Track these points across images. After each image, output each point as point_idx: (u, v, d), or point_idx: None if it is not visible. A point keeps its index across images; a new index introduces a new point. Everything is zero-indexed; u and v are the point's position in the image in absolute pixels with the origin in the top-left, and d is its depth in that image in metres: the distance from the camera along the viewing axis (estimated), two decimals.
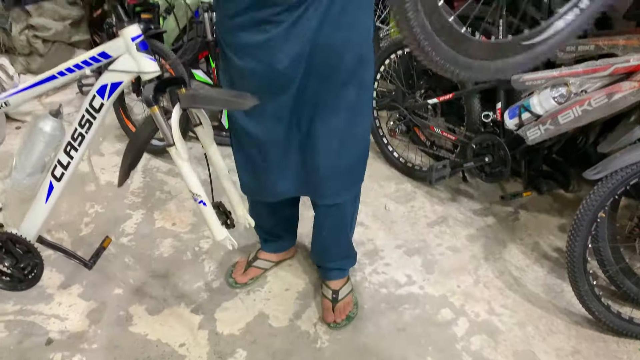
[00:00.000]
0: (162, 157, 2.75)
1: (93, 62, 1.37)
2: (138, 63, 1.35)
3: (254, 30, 1.39)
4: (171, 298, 1.98)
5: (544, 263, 2.19)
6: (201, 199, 1.45)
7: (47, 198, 1.54)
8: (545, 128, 2.01)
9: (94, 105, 1.41)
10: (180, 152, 1.39)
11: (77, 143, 1.47)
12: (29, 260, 1.62)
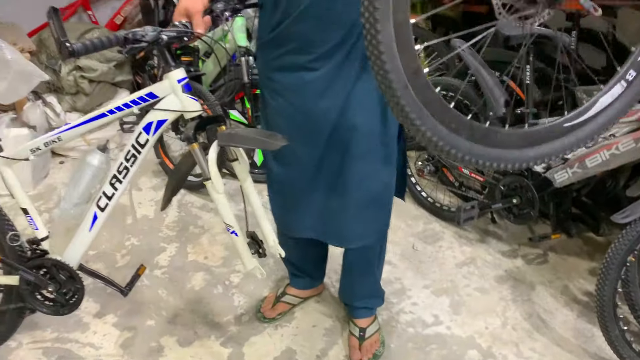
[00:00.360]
0: (196, 193, 2.84)
1: (141, 101, 1.47)
2: (182, 103, 1.44)
3: (292, 75, 1.48)
4: (201, 330, 2.02)
5: (574, 307, 2.17)
6: (233, 229, 1.53)
7: (91, 227, 1.62)
8: (573, 171, 2.03)
9: (139, 141, 1.50)
10: (216, 185, 1.47)
11: (122, 176, 1.56)
12: (71, 286, 1.70)
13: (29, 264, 1.67)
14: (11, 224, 1.70)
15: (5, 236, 1.67)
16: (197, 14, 1.40)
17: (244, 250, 1.57)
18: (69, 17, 3.57)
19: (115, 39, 1.33)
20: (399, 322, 2.08)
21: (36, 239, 1.69)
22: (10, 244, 1.67)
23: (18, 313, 1.80)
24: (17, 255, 1.69)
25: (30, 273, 1.66)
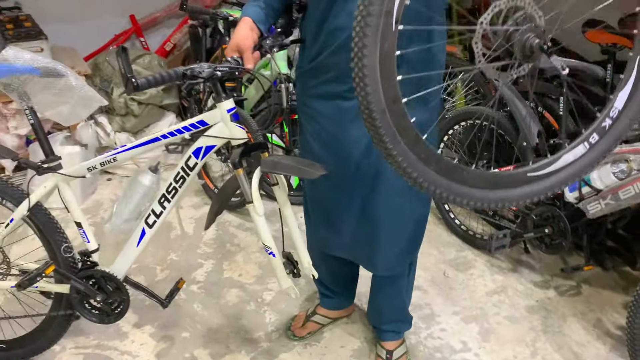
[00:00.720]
0: (234, 212, 2.94)
1: (193, 128, 1.57)
2: (230, 131, 1.53)
3: (328, 103, 1.57)
4: (233, 345, 2.09)
5: (606, 340, 2.14)
6: (271, 250, 1.61)
7: (139, 242, 1.73)
8: (606, 203, 2.03)
9: (189, 164, 1.61)
10: (257, 208, 1.55)
11: (171, 195, 1.66)
12: (117, 297, 1.80)
13: (80, 274, 1.78)
14: (65, 237, 1.81)
15: (60, 248, 1.78)
16: (247, 50, 1.51)
17: (280, 270, 1.64)
18: (123, 43, 3.78)
19: (175, 75, 1.43)
20: (427, 346, 2.09)
21: (87, 251, 1.79)
22: (64, 255, 1.78)
23: (66, 320, 1.91)
24: (69, 265, 1.80)
25: (81, 283, 1.77)
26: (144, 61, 3.40)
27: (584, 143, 1.19)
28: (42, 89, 1.64)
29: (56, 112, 1.71)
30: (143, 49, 3.79)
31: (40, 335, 1.93)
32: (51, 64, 1.61)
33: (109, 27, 3.73)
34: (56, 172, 1.71)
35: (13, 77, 1.58)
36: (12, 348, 1.94)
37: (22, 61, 1.57)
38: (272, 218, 2.91)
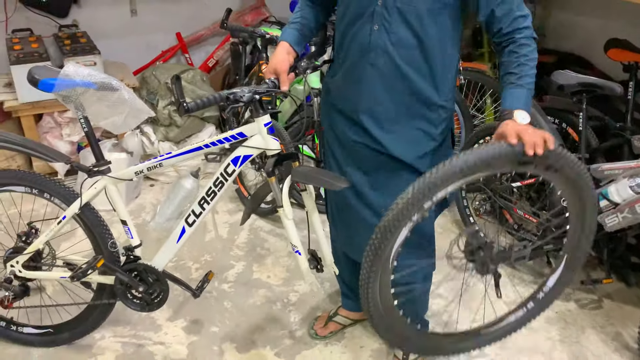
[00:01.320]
0: (265, 219, 3.09)
1: (232, 139, 1.73)
2: (266, 142, 1.69)
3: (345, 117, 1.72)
4: (258, 341, 2.22)
5: (625, 353, 2.17)
6: (297, 249, 1.79)
7: (179, 239, 1.89)
8: (623, 216, 2.07)
9: (227, 170, 1.77)
10: (287, 212, 1.73)
11: (210, 198, 1.82)
12: (157, 287, 1.96)
13: (124, 267, 1.95)
14: (111, 234, 1.98)
15: (107, 243, 1.96)
16: (283, 73, 1.67)
17: (305, 266, 1.82)
18: (169, 59, 4.03)
19: (219, 98, 1.61)
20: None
21: (131, 247, 1.96)
22: (110, 250, 1.96)
23: (107, 308, 2.09)
24: (113, 259, 1.97)
25: (125, 275, 1.94)
26: (188, 76, 3.63)
27: (523, 309, 1.69)
28: (96, 101, 1.81)
29: (109, 122, 1.88)
30: (187, 64, 4.03)
31: (83, 321, 2.11)
32: (107, 80, 1.78)
33: (156, 44, 3.99)
34: (106, 175, 1.88)
35: (72, 90, 1.76)
36: (58, 332, 2.13)
37: (81, 76, 1.75)
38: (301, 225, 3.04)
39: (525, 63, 1.50)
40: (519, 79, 1.48)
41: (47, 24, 3.60)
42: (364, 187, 1.77)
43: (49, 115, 3.26)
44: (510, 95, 1.48)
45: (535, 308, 1.71)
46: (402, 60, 1.57)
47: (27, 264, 2.01)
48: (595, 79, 2.18)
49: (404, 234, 1.43)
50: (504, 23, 1.51)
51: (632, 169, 2.04)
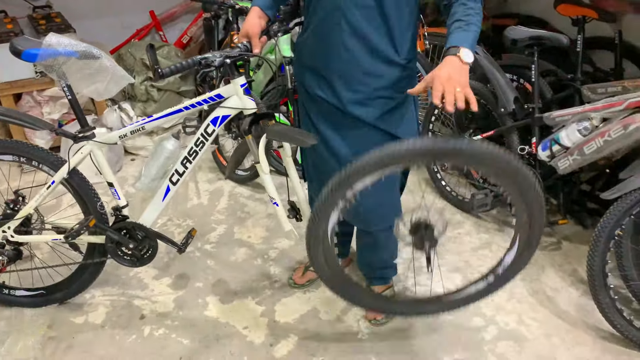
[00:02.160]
0: (245, 185, 3.22)
1: (211, 100, 1.84)
2: (243, 102, 1.81)
3: (315, 74, 1.84)
4: (240, 292, 2.36)
5: (579, 286, 2.35)
6: (275, 200, 1.93)
7: (164, 198, 2.00)
8: (574, 158, 2.24)
9: (207, 131, 1.87)
10: (263, 167, 1.86)
11: (192, 157, 1.93)
12: (146, 243, 2.08)
13: (114, 226, 2.06)
14: (98, 196, 2.09)
15: (95, 205, 2.07)
16: (255, 37, 1.78)
17: (283, 216, 1.96)
18: (144, 37, 4.11)
19: (192, 62, 1.71)
20: (412, 292, 2.33)
21: (118, 207, 2.07)
22: (99, 211, 2.07)
23: (97, 268, 2.21)
24: (103, 220, 2.08)
25: (116, 233, 2.05)
26: (163, 52, 3.71)
27: (484, 281, 1.77)
28: (78, 70, 1.91)
29: (92, 89, 1.98)
30: (162, 41, 4.11)
31: (75, 281, 2.22)
32: (88, 49, 1.88)
33: (131, 23, 4.06)
34: (91, 139, 1.98)
35: (55, 60, 1.85)
36: (51, 293, 2.25)
37: (63, 46, 1.84)
38: (280, 190, 3.18)
39: (473, 15, 1.57)
40: (467, 25, 1.53)
41: (21, 6, 3.66)
42: (334, 141, 1.88)
43: (28, 94, 3.33)
44: (458, 35, 1.51)
45: (496, 282, 1.77)
46: (362, 19, 1.68)
47: (18, 229, 2.12)
48: (544, 32, 2.33)
49: (334, 216, 1.61)
50: None
51: (580, 113, 2.20)
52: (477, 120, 2.83)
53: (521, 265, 1.72)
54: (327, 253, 1.74)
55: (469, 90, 1.40)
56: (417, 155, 1.48)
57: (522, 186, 1.51)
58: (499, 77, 2.50)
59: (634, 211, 1.93)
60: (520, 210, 1.60)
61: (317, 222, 1.63)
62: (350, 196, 1.59)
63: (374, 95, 1.78)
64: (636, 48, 2.67)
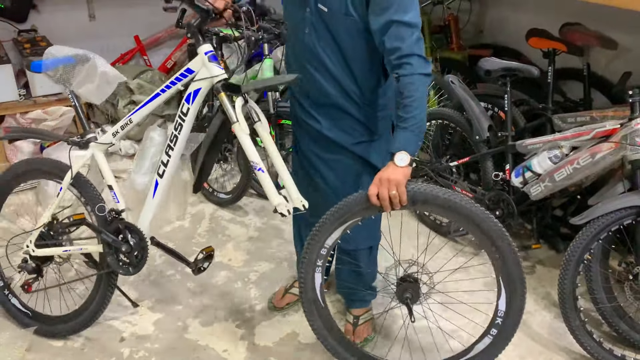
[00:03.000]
0: (226, 209, 3.25)
1: (183, 77, 1.84)
2: (209, 70, 1.78)
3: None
4: (220, 315, 2.38)
5: (552, 310, 2.41)
6: (259, 166, 1.71)
7: (154, 194, 1.98)
8: (545, 185, 2.32)
9: (183, 110, 1.86)
10: (242, 126, 1.70)
11: (173, 143, 1.91)
12: (139, 247, 2.05)
13: (109, 228, 2.05)
14: (101, 198, 2.09)
15: (94, 207, 2.07)
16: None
17: (270, 186, 1.73)
18: (128, 61, 4.16)
19: None
20: (392, 315, 2.36)
21: (117, 210, 2.07)
22: (97, 213, 2.07)
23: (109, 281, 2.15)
24: (103, 222, 2.07)
25: (109, 235, 2.04)
26: (147, 76, 3.77)
27: (488, 336, 1.79)
28: (77, 74, 2.00)
29: (85, 89, 2.04)
30: (146, 65, 4.16)
31: (92, 301, 2.18)
32: (81, 51, 2.00)
33: (115, 47, 4.10)
34: (94, 142, 2.05)
35: (58, 69, 1.96)
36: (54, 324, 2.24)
37: (62, 54, 1.97)
38: (261, 213, 3.23)
39: (410, 104, 1.63)
40: (404, 122, 1.65)
41: (5, 29, 3.69)
42: (320, 166, 1.96)
43: (11, 117, 3.35)
44: (396, 137, 1.67)
45: (501, 333, 1.78)
46: (329, 60, 1.78)
47: (38, 243, 2.13)
48: (516, 63, 2.43)
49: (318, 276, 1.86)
50: (391, 56, 1.63)
51: (550, 142, 2.29)
52: (453, 147, 2.92)
53: (518, 312, 1.75)
54: (323, 316, 1.90)
55: (401, 190, 1.63)
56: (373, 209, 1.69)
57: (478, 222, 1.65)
58: (473, 105, 2.59)
59: (602, 236, 2.01)
60: (488, 248, 1.70)
61: (305, 287, 1.85)
62: (326, 251, 1.80)
63: (347, 124, 1.86)
64: (604, 79, 2.80)
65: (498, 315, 1.75)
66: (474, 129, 2.59)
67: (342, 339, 1.95)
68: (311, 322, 1.90)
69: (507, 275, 1.69)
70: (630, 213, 1.96)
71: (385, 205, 1.65)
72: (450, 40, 3.68)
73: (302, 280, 1.85)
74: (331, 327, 1.92)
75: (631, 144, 1.96)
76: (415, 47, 1.62)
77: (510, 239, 1.67)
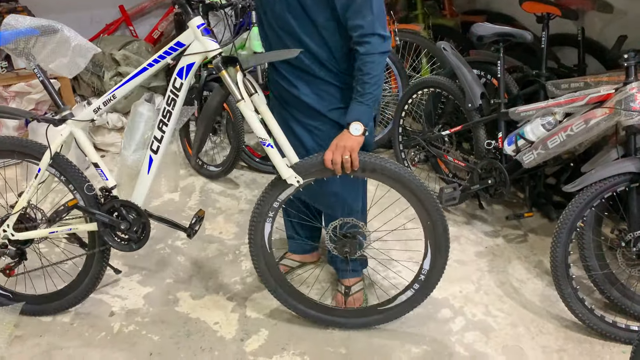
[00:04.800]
0: (216, 181, 3.21)
1: (172, 51, 1.75)
2: (203, 44, 1.71)
3: None
4: (212, 288, 2.36)
5: (544, 278, 2.40)
6: (268, 142, 1.76)
7: (149, 170, 1.92)
8: (538, 152, 2.29)
9: (175, 85, 1.79)
10: (247, 103, 1.70)
11: (167, 119, 1.84)
12: (139, 223, 2.01)
13: (103, 208, 1.99)
14: (86, 178, 2.01)
15: (83, 187, 1.99)
16: None
17: (279, 160, 1.79)
18: (114, 31, 4.06)
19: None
20: (382, 285, 2.35)
21: (107, 188, 2.00)
22: (87, 194, 1.99)
23: (102, 258, 2.11)
24: (94, 203, 2.00)
25: (105, 215, 1.98)
26: (133, 47, 3.68)
27: (411, 289, 1.99)
28: (42, 47, 1.83)
29: (57, 64, 1.88)
30: (132, 36, 4.06)
31: (73, 289, 2.15)
32: (46, 22, 1.81)
33: (100, 18, 4.00)
34: (69, 119, 1.91)
35: (19, 41, 1.79)
36: (48, 301, 2.19)
37: (22, 25, 1.77)
38: (252, 186, 3.20)
39: (368, 81, 1.73)
40: (361, 97, 1.75)
41: None
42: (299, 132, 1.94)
43: None
44: (352, 109, 1.77)
45: (422, 288, 2.00)
46: (300, 30, 1.75)
47: (17, 226, 2.05)
48: (508, 28, 2.38)
49: (268, 226, 1.97)
50: (353, 33, 1.69)
51: (544, 108, 2.25)
52: (445, 115, 2.87)
53: (439, 272, 1.97)
54: (268, 260, 2.03)
55: (354, 156, 1.76)
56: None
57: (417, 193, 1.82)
58: (466, 73, 2.54)
59: (595, 203, 1.99)
60: (422, 215, 1.88)
61: (254, 234, 1.97)
62: (278, 205, 1.91)
63: (322, 90, 1.86)
64: (598, 44, 2.74)
65: (422, 273, 1.97)
66: (467, 96, 2.55)
67: (283, 281, 2.09)
68: (256, 264, 2.05)
69: (434, 239, 1.91)
70: (624, 179, 1.94)
71: (337, 168, 1.77)
72: (442, 7, 3.61)
73: (252, 227, 1.96)
74: (274, 269, 2.07)
75: (626, 109, 1.92)
76: (377, 24, 1.68)
77: (442, 211, 1.89)
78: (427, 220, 1.88)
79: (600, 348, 2.04)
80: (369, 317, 2.09)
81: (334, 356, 2.02)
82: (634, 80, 1.96)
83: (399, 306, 2.05)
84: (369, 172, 1.82)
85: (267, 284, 2.09)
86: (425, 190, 1.84)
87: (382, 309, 2.07)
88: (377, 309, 2.08)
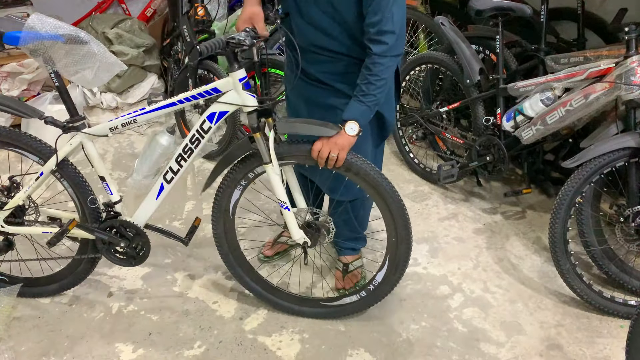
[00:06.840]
0: (213, 161, 3.18)
1: (206, 94, 1.73)
2: (242, 98, 1.71)
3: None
4: (210, 268, 2.36)
5: (543, 254, 2.40)
6: (286, 205, 1.85)
7: (158, 196, 1.92)
8: (537, 128, 2.27)
9: (203, 127, 1.78)
10: (275, 168, 1.77)
11: (187, 155, 1.84)
12: (139, 241, 2.01)
13: (102, 225, 1.98)
14: (91, 190, 1.97)
15: (86, 200, 1.96)
16: (261, 21, 1.73)
17: (293, 224, 1.89)
18: (106, 10, 3.98)
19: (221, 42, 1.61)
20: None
21: (110, 202, 1.98)
22: (90, 206, 1.97)
23: (92, 261, 2.12)
24: (96, 216, 1.98)
25: (103, 233, 1.97)
26: (126, 25, 3.62)
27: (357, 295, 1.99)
28: (65, 55, 1.77)
29: (80, 77, 1.83)
30: (125, 14, 3.99)
31: (70, 273, 2.14)
32: (74, 32, 1.74)
33: None
34: (80, 130, 1.85)
35: (39, 43, 1.71)
36: (41, 285, 2.18)
37: (47, 29, 1.70)
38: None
39: (374, 82, 1.69)
40: (364, 96, 1.71)
41: None
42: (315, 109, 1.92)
43: None
44: (351, 106, 1.73)
45: (368, 297, 1.99)
46: (324, 15, 1.72)
47: (8, 219, 2.02)
48: (507, 2, 2.33)
49: (237, 193, 1.95)
50: (369, 29, 1.65)
51: (543, 84, 2.22)
52: (443, 92, 2.84)
53: (389, 286, 1.97)
54: (227, 226, 2.01)
55: (341, 156, 1.74)
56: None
57: (385, 196, 1.80)
58: (464, 48, 2.50)
59: (594, 179, 1.98)
60: (390, 230, 1.87)
61: (221, 197, 1.96)
62: (252, 177, 1.90)
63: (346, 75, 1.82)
64: (598, 18, 2.71)
65: (372, 283, 1.98)
66: (465, 72, 2.52)
67: (237, 249, 2.10)
68: (214, 227, 2.05)
69: (394, 256, 1.90)
70: (624, 155, 1.92)
71: (321, 162, 1.76)
72: None
73: (221, 190, 1.95)
74: (230, 235, 2.07)
75: (626, 83, 1.90)
76: (396, 23, 1.64)
77: (411, 233, 1.87)
78: (394, 236, 1.87)
79: (598, 323, 2.05)
80: (309, 308, 2.08)
81: (332, 333, 2.02)
82: (634, 53, 1.93)
83: (342, 307, 2.04)
84: (353, 173, 1.80)
85: (219, 248, 2.08)
86: (400, 207, 1.82)
87: (325, 304, 2.06)
88: (320, 302, 2.07)
